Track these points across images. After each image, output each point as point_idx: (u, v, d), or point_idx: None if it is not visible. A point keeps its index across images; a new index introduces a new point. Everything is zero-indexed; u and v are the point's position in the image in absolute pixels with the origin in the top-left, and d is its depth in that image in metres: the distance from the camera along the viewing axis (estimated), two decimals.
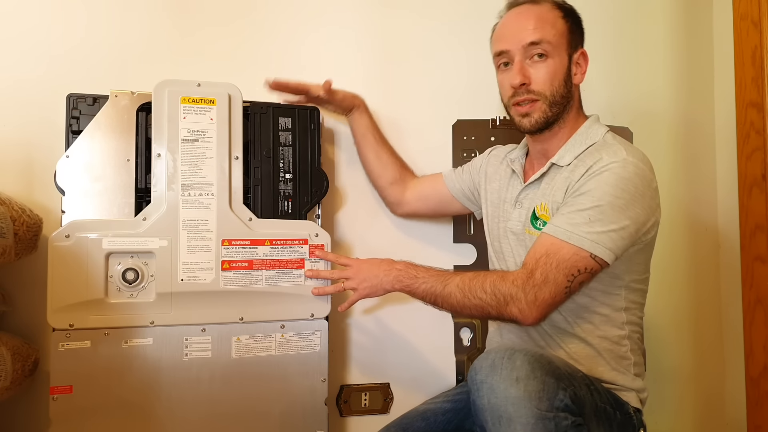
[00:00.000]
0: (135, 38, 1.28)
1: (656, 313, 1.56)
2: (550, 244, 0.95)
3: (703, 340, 1.62)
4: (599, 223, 0.93)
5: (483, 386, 0.82)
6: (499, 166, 1.20)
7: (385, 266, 1.10)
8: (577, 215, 0.94)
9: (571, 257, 0.93)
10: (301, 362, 1.15)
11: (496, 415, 0.80)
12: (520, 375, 0.80)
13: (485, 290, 0.96)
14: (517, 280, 0.95)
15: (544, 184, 1.06)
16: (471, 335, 1.41)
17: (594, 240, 0.93)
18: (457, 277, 1.01)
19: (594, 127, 1.07)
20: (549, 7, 1.06)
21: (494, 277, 0.97)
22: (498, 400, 0.80)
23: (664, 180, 1.61)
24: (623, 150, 0.98)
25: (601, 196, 0.94)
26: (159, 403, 1.07)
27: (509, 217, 1.11)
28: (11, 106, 1.21)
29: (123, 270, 1.06)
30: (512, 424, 0.78)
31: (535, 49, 1.03)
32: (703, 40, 1.66)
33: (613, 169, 0.95)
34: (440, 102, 1.44)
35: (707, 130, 1.66)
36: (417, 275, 1.05)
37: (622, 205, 0.94)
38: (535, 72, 1.04)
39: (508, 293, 0.95)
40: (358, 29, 1.42)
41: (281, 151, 1.18)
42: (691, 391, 1.61)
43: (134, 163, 1.10)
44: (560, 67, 1.04)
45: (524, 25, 1.05)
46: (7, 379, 1.02)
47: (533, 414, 0.78)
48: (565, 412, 0.81)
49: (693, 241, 1.63)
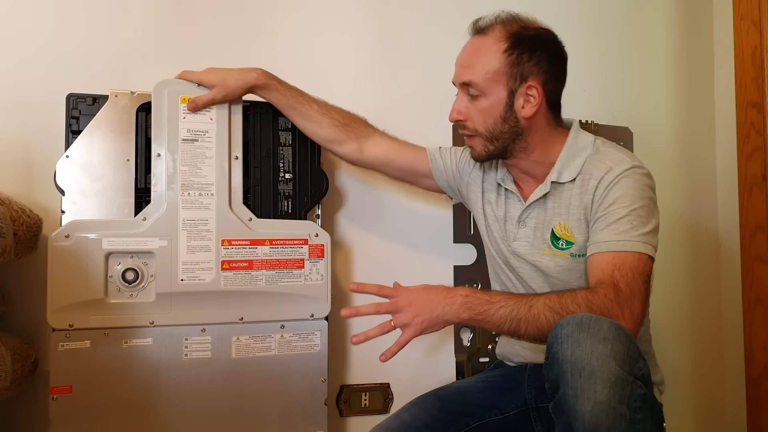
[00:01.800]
0: (135, 38, 1.28)
1: (656, 314, 1.55)
2: (612, 259, 0.95)
3: (703, 340, 1.62)
4: (641, 226, 0.96)
5: (569, 339, 0.81)
6: (486, 182, 1.17)
7: (443, 293, 0.95)
8: (619, 224, 0.96)
9: (638, 264, 0.94)
10: (301, 362, 1.15)
11: (578, 367, 0.79)
12: (608, 336, 0.80)
13: (579, 306, 0.90)
14: (608, 294, 0.91)
15: (551, 203, 1.05)
16: (471, 335, 1.41)
17: (645, 241, 0.95)
18: (541, 297, 0.93)
19: (580, 136, 1.06)
20: (495, 38, 1.02)
21: (583, 292, 0.92)
22: (583, 353, 0.79)
23: (665, 180, 1.61)
24: (624, 156, 1.01)
25: (632, 201, 0.96)
26: (159, 403, 1.07)
27: (516, 236, 1.09)
28: (11, 106, 1.21)
29: (123, 270, 1.06)
30: (593, 377, 0.78)
31: (468, 89, 1.04)
32: (703, 40, 1.66)
33: (630, 176, 0.98)
34: (440, 102, 1.44)
35: (707, 130, 1.66)
36: (491, 300, 0.93)
37: (648, 206, 0.97)
38: (467, 111, 1.04)
39: (605, 308, 0.90)
40: (358, 29, 1.42)
41: (281, 151, 1.18)
42: (691, 391, 1.61)
43: (134, 163, 1.10)
44: (495, 105, 1.02)
45: (462, 61, 1.05)
46: (6, 379, 1.02)
47: (616, 373, 0.78)
48: (641, 381, 0.81)
49: (693, 242, 1.63)
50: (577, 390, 0.78)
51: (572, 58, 1.18)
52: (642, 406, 0.81)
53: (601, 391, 0.77)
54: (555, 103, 1.07)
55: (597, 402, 0.77)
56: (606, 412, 0.76)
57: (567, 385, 0.80)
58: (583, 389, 0.78)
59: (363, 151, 1.20)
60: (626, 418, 0.78)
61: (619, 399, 0.77)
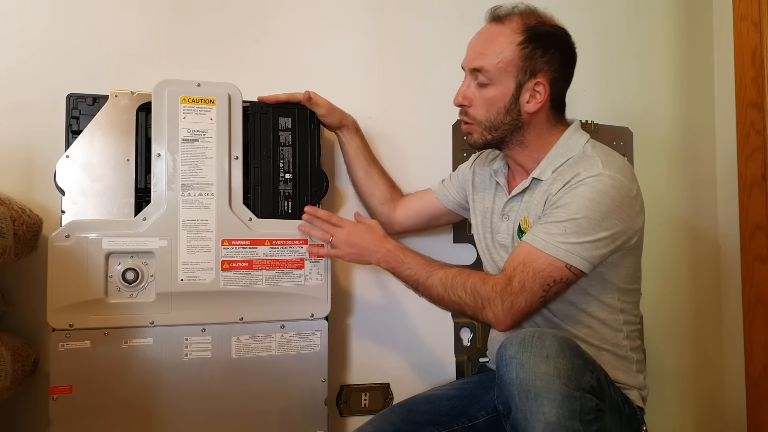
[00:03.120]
0: (135, 38, 1.28)
1: (656, 313, 1.56)
2: (527, 253, 0.97)
3: (703, 340, 1.62)
4: (574, 235, 0.94)
5: (512, 361, 0.83)
6: (485, 177, 1.20)
7: (376, 241, 1.10)
8: (554, 226, 0.96)
9: (546, 267, 0.95)
10: (301, 362, 1.15)
11: (524, 389, 0.80)
12: (550, 353, 0.81)
13: (466, 290, 0.99)
14: (496, 285, 0.97)
15: (526, 197, 1.07)
16: (471, 335, 1.41)
17: (568, 250, 0.94)
18: (441, 271, 1.03)
19: (574, 137, 1.06)
20: (512, 29, 1.02)
21: (476, 279, 1.00)
22: (527, 375, 0.81)
23: (664, 180, 1.61)
24: (600, 162, 0.98)
25: (577, 210, 0.95)
26: (159, 403, 1.07)
27: (498, 229, 1.12)
28: (11, 106, 1.21)
29: (123, 270, 1.06)
30: (539, 399, 0.79)
31: (477, 75, 1.04)
32: (703, 40, 1.66)
33: (590, 183, 0.96)
34: (440, 102, 1.44)
35: (707, 130, 1.66)
36: (404, 260, 1.07)
37: (599, 218, 0.95)
38: (474, 97, 1.06)
39: (486, 297, 0.97)
40: (358, 29, 1.42)
41: (281, 151, 1.18)
42: (691, 391, 1.61)
43: (134, 163, 1.10)
44: (501, 95, 1.03)
45: (475, 47, 1.05)
46: (7, 379, 1.02)
47: (561, 391, 0.79)
48: (590, 394, 0.82)
49: (693, 241, 1.63)
50: (526, 413, 0.80)
51: None
52: (597, 416, 0.82)
53: (549, 412, 0.78)
54: (559, 102, 1.08)
55: (547, 423, 0.78)
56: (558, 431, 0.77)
57: (516, 408, 0.82)
58: (532, 411, 0.79)
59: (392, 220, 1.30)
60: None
61: (569, 416, 0.78)
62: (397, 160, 1.39)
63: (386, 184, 1.30)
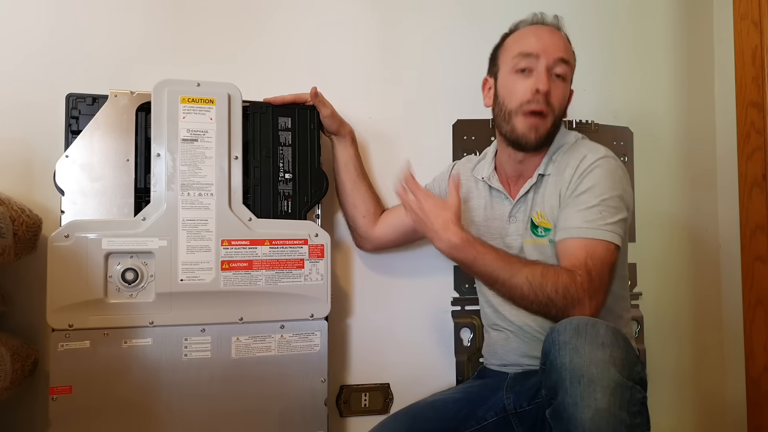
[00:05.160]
0: (134, 38, 1.28)
1: (656, 313, 1.56)
2: (585, 245, 0.97)
3: (703, 340, 1.62)
4: (609, 215, 0.98)
5: (566, 346, 0.82)
6: (470, 185, 1.21)
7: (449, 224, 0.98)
8: (589, 213, 0.99)
9: (606, 253, 0.97)
10: (300, 362, 1.14)
11: (578, 374, 0.80)
12: (606, 341, 0.81)
13: (557, 290, 0.93)
14: (584, 283, 0.94)
15: (531, 195, 1.10)
16: (471, 335, 1.41)
17: (612, 230, 0.98)
18: (526, 269, 0.96)
19: (566, 135, 1.13)
20: (565, 38, 1.12)
21: (565, 277, 0.94)
22: (582, 361, 0.80)
23: (665, 180, 1.61)
24: (599, 147, 1.06)
25: (602, 191, 1.00)
26: (158, 403, 1.07)
27: (507, 232, 1.13)
28: (11, 106, 1.21)
29: (122, 270, 1.05)
30: (593, 386, 0.78)
31: (561, 67, 1.07)
32: (703, 40, 1.66)
33: (603, 165, 1.02)
34: (440, 102, 1.44)
35: (707, 130, 1.66)
36: (477, 257, 0.97)
37: (619, 196, 1.01)
38: (554, 88, 1.06)
39: (577, 297, 0.93)
40: (358, 29, 1.41)
41: (281, 151, 1.18)
42: (691, 391, 1.61)
43: (134, 163, 1.10)
44: (568, 92, 1.10)
45: (557, 41, 1.08)
46: (6, 380, 1.02)
47: (615, 379, 0.79)
48: (639, 385, 0.82)
49: (693, 242, 1.63)
50: (577, 398, 0.79)
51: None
52: (641, 409, 0.82)
53: (601, 399, 0.78)
54: None
55: (597, 409, 0.77)
56: (606, 419, 0.77)
57: (566, 393, 0.80)
58: (583, 397, 0.79)
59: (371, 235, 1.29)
60: (626, 424, 0.78)
61: (619, 405, 0.78)
62: (397, 160, 1.39)
63: (372, 199, 1.29)
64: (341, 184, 1.29)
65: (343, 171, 1.27)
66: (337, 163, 1.28)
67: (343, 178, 1.28)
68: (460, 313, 1.42)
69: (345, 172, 1.27)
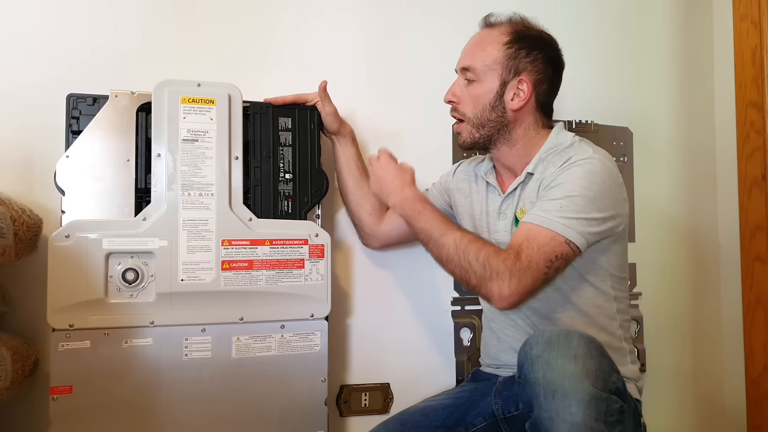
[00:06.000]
0: (135, 38, 1.28)
1: (656, 313, 1.56)
2: (528, 230, 0.98)
3: (703, 340, 1.62)
4: (570, 211, 0.97)
5: (539, 360, 0.82)
6: (472, 181, 1.23)
7: (398, 184, 1.11)
8: (550, 204, 0.99)
9: (549, 242, 0.96)
10: (301, 362, 1.14)
11: (551, 389, 0.80)
12: (578, 353, 0.81)
13: (478, 258, 0.97)
14: (507, 259, 0.96)
15: (518, 191, 1.11)
16: (471, 335, 1.41)
17: (566, 225, 0.96)
18: (458, 233, 1.02)
19: (561, 135, 1.11)
20: (500, 32, 1.09)
21: (490, 250, 0.98)
22: (554, 375, 0.80)
23: (664, 180, 1.61)
24: (590, 148, 1.04)
25: (571, 189, 0.98)
26: (159, 403, 1.07)
27: (496, 228, 1.13)
28: (11, 106, 1.21)
29: (123, 270, 1.06)
30: (567, 400, 0.78)
31: (466, 74, 1.10)
32: (703, 40, 1.66)
33: (582, 165, 1.00)
34: (441, 102, 1.44)
35: (707, 130, 1.66)
36: (421, 211, 1.07)
37: (592, 197, 0.98)
38: (462, 95, 1.11)
39: (496, 270, 0.96)
40: (358, 29, 1.42)
41: (281, 151, 1.18)
42: (691, 391, 1.61)
43: (134, 163, 1.10)
44: (487, 92, 1.08)
45: (466, 49, 1.13)
46: (7, 379, 1.02)
47: (589, 392, 0.78)
48: (615, 395, 0.82)
49: (693, 242, 1.63)
50: (552, 413, 0.79)
51: (573, 58, 1.18)
52: (619, 418, 0.81)
53: (576, 413, 0.77)
54: (545, 106, 1.12)
55: (573, 424, 0.77)
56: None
57: (541, 408, 0.81)
58: (558, 411, 0.78)
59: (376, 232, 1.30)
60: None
61: (595, 417, 0.78)
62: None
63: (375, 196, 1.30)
64: (344, 183, 1.29)
65: (346, 170, 1.28)
66: (340, 163, 1.28)
67: (345, 177, 1.28)
68: (460, 312, 1.42)
69: (347, 171, 1.28)
